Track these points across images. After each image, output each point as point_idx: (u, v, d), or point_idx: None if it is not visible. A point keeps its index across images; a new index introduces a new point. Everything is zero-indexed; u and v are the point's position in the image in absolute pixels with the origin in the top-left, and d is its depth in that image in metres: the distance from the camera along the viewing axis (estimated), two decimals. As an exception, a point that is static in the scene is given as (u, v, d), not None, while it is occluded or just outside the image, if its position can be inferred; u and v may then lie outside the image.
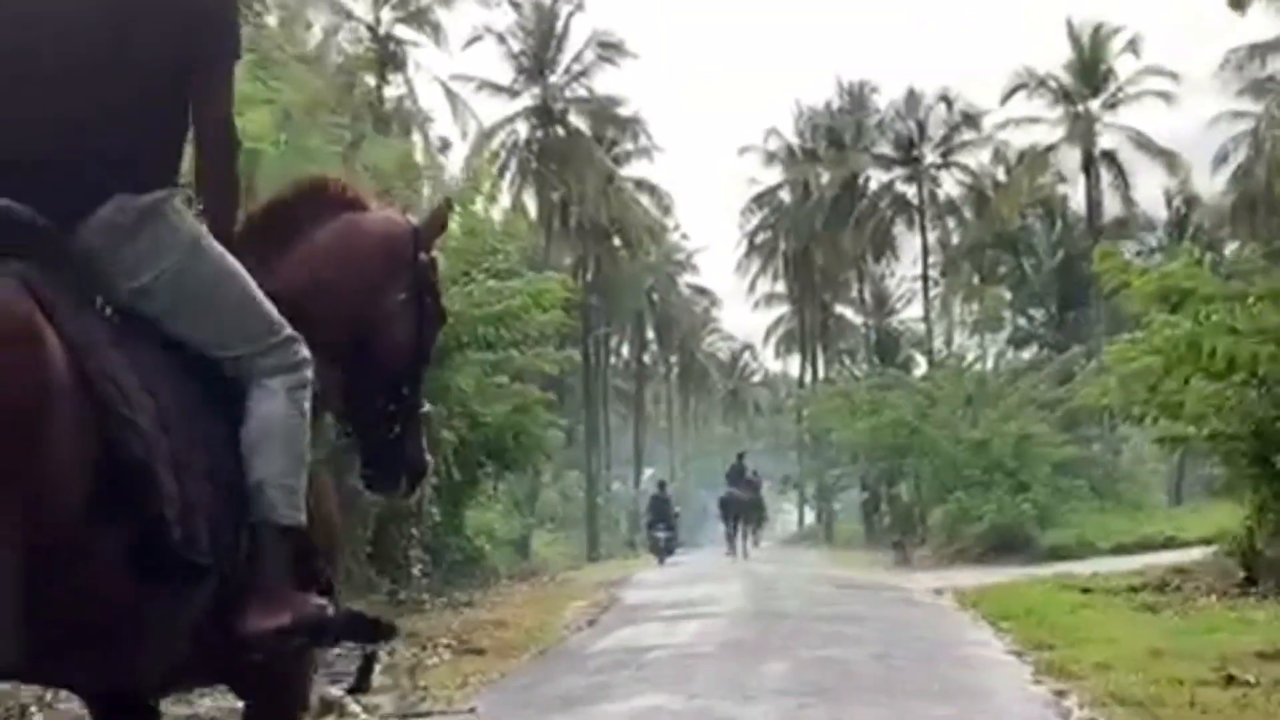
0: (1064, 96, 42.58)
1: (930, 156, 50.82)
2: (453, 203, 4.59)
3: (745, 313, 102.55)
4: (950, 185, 50.71)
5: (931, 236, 50.31)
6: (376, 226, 3.54)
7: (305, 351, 3.09)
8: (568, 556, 36.76)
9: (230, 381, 3.01)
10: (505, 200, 46.07)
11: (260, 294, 3.06)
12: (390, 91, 36.13)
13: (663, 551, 30.96)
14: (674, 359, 77.35)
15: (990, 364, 35.30)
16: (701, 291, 75.10)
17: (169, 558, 2.68)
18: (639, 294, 59.86)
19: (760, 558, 34.79)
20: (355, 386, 3.46)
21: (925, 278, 49.39)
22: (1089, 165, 41.82)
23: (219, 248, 3.01)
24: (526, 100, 45.98)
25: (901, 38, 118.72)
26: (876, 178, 52.98)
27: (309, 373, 3.09)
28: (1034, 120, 42.91)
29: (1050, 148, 42.77)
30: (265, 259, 3.22)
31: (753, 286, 63.99)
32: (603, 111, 47.31)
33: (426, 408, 3.72)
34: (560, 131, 46.31)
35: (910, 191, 51.25)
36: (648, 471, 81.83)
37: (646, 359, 72.31)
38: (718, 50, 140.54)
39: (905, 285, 55.92)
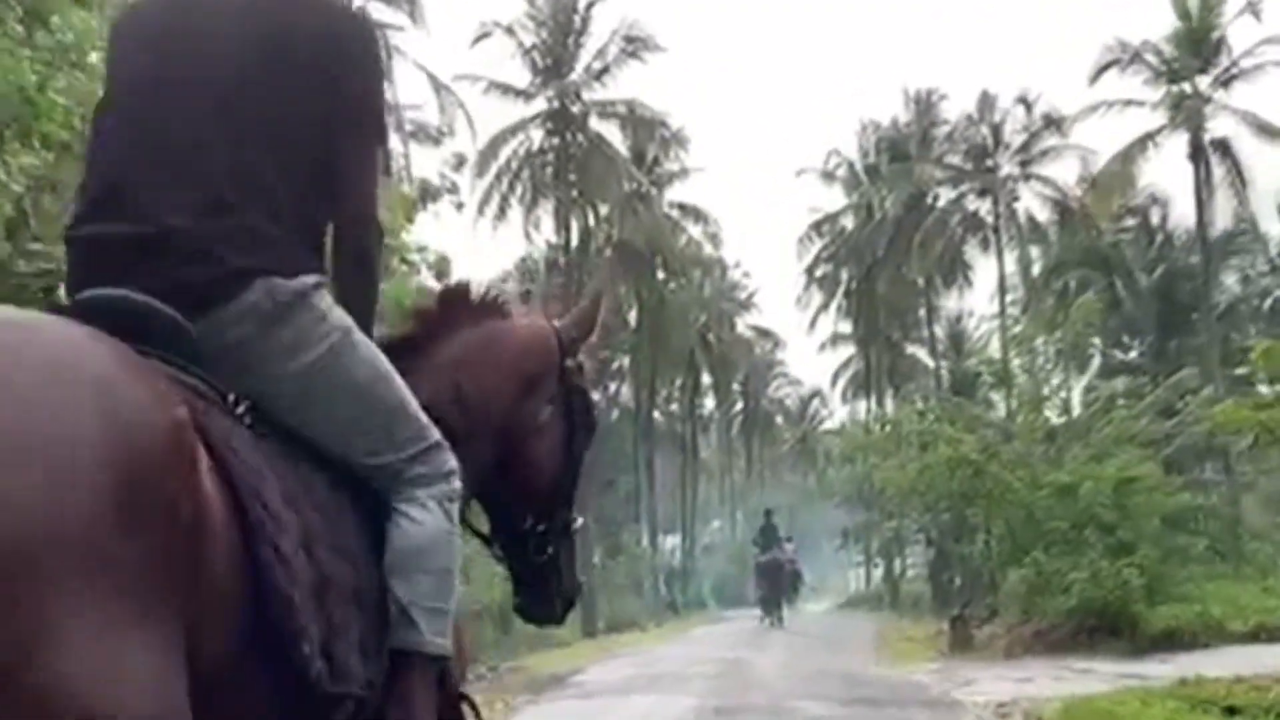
0: (1166, 72, 34.96)
1: (1007, 167, 44.37)
2: (601, 295, 3.75)
3: (811, 353, 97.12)
4: (1030, 199, 44.17)
5: (1009, 259, 43.95)
6: (516, 335, 3.27)
7: (454, 461, 2.73)
8: (569, 627, 31.69)
9: (372, 491, 2.61)
10: (516, 220, 41.07)
11: (411, 397, 2.68)
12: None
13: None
14: (737, 405, 72.27)
15: (1077, 396, 28.60)
16: (764, 333, 70.14)
17: (312, 693, 2.32)
18: (688, 332, 54.54)
19: (793, 628, 31.49)
20: (503, 507, 3.29)
21: (1002, 305, 42.92)
22: (1197, 156, 34.57)
23: (369, 343, 2.63)
24: (541, 104, 40.42)
25: (974, 38, 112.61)
26: (945, 195, 46.78)
27: (458, 483, 2.73)
28: (1129, 103, 35.20)
29: (1150, 135, 35.42)
30: (406, 369, 2.77)
31: (814, 323, 58.61)
32: (631, 116, 41.59)
33: (579, 523, 3.42)
34: (580, 138, 40.69)
35: (984, 207, 44.90)
36: (715, 523, 77.89)
37: (709, 404, 67.25)
38: (765, 62, 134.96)
39: (984, 325, 49.54)
